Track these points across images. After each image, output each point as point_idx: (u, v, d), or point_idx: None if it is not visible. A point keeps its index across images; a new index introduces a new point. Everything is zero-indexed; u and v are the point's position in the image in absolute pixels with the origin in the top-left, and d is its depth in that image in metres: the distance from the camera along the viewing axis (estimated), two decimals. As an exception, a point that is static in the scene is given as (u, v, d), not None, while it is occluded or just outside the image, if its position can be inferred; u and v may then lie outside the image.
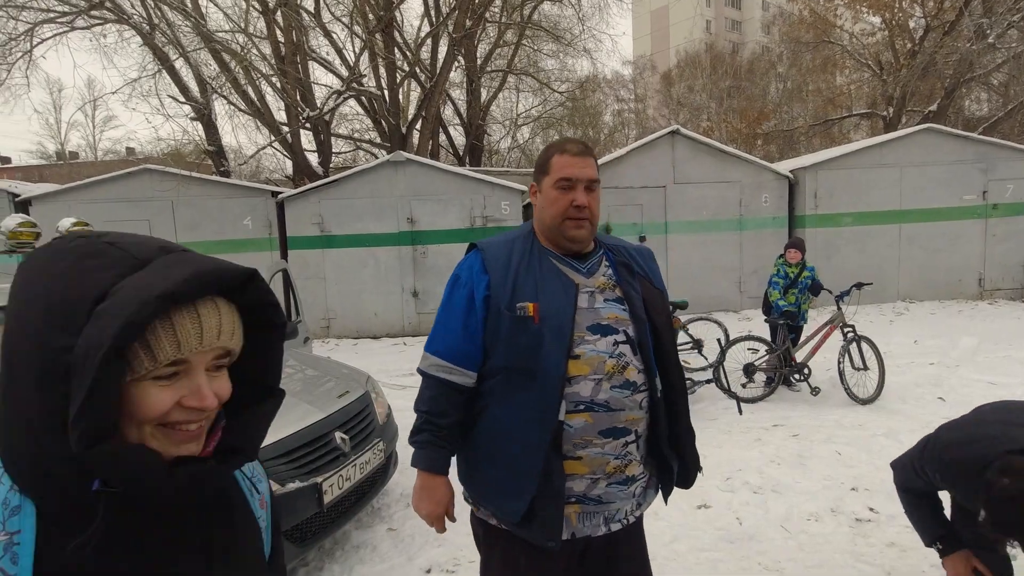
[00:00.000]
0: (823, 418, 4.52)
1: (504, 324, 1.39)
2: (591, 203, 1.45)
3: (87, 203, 8.10)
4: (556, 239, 1.47)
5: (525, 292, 1.40)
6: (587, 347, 1.38)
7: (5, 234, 3.16)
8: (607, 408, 1.38)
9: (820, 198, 8.68)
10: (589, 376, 1.38)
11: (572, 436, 1.38)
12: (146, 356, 0.58)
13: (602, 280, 1.46)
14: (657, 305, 1.48)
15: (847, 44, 16.53)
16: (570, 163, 1.45)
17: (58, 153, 32.85)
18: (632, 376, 1.41)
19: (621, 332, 1.41)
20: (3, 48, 10.16)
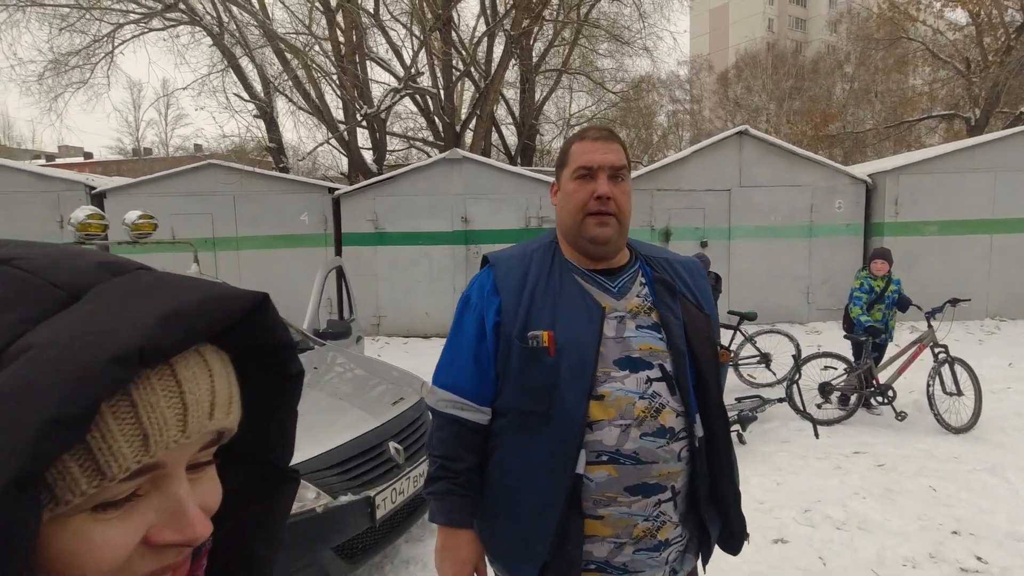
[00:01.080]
0: (912, 447, 4.11)
1: (515, 356, 1.17)
2: (617, 195, 1.20)
3: (156, 196, 8.38)
4: (577, 242, 1.23)
5: (541, 318, 1.17)
6: (613, 385, 1.14)
7: (75, 225, 3.20)
8: (636, 460, 1.14)
9: (901, 205, 8.05)
10: (615, 421, 1.14)
11: (593, 492, 1.15)
12: (84, 472, 0.32)
13: (636, 302, 1.21)
14: (702, 333, 1.22)
15: (926, 41, 15.47)
16: (590, 148, 1.22)
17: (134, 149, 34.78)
18: (668, 421, 1.16)
19: (656, 367, 1.16)
20: (87, 50, 10.68)
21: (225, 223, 8.54)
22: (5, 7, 9.05)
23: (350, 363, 3.41)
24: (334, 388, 2.97)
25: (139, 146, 34.84)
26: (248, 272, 8.48)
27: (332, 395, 2.82)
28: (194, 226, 8.29)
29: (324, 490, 2.18)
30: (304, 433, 2.34)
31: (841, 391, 4.71)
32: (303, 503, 2.11)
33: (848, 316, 4.85)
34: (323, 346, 3.55)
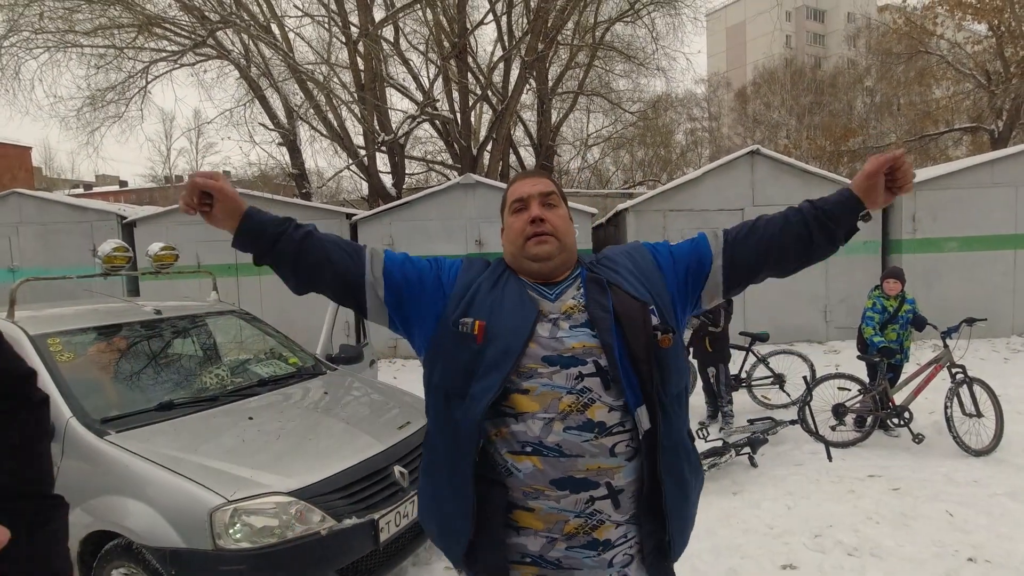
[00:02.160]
0: (929, 471, 4.02)
1: (447, 339, 1.23)
2: (551, 217, 1.27)
3: (183, 225, 8.70)
4: (521, 265, 1.29)
5: (478, 309, 1.23)
6: (540, 380, 1.16)
7: (101, 258, 3.38)
8: (559, 453, 1.14)
9: (920, 221, 7.94)
10: (538, 414, 1.15)
11: (520, 483, 1.17)
12: None
13: (570, 303, 1.24)
14: (635, 322, 1.19)
15: (946, 54, 15.32)
16: (520, 185, 1.32)
17: (166, 177, 36.02)
18: (599, 416, 1.15)
19: (590, 363, 1.17)
20: (122, 85, 11.23)
21: (248, 249, 8.80)
22: (47, 48, 9.60)
23: (362, 388, 3.50)
24: (344, 413, 3.07)
25: (170, 174, 36.07)
26: (269, 298, 8.71)
27: (341, 419, 2.91)
28: (218, 253, 8.57)
29: (329, 513, 2.26)
30: (310, 457, 2.44)
31: (856, 413, 4.64)
32: (308, 526, 2.19)
33: (862, 336, 4.79)
34: (335, 371, 3.66)
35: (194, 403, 2.81)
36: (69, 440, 2.44)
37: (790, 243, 1.28)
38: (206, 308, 3.71)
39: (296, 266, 1.29)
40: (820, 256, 1.31)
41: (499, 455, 1.18)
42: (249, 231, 1.28)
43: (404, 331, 1.35)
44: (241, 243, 1.30)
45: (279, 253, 1.29)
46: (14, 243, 8.91)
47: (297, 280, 1.32)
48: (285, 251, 1.28)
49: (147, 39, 10.44)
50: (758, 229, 1.31)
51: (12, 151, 31.47)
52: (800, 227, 1.27)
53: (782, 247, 1.29)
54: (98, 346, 3.06)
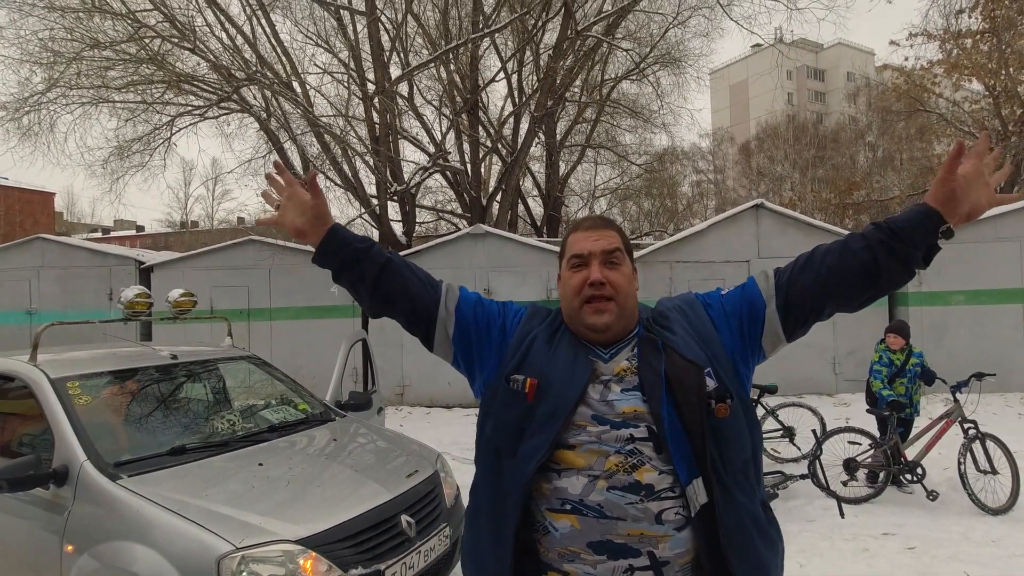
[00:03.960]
0: (945, 529, 3.93)
1: (499, 393, 1.21)
2: (613, 278, 1.21)
3: (199, 270, 8.91)
4: (577, 328, 1.24)
5: (531, 364, 1.20)
6: (587, 437, 1.11)
7: (124, 304, 3.49)
8: (599, 514, 1.07)
9: (926, 274, 7.97)
10: (583, 471, 1.10)
11: (556, 543, 1.11)
12: None
13: (623, 365, 1.18)
14: (687, 386, 1.12)
15: (945, 112, 15.71)
16: (582, 237, 1.26)
17: (182, 222, 36.91)
18: (647, 478, 1.07)
19: (643, 427, 1.11)
20: (148, 137, 11.71)
21: (260, 295, 8.96)
22: (81, 103, 10.09)
23: (369, 435, 3.52)
24: (352, 460, 3.08)
25: (187, 220, 36.98)
26: (279, 343, 8.79)
27: (349, 467, 2.92)
28: (232, 298, 8.73)
29: (335, 563, 2.25)
30: (318, 504, 2.46)
31: (868, 468, 4.57)
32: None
33: (871, 390, 4.77)
34: (344, 417, 3.69)
35: (205, 448, 2.84)
36: (82, 484, 2.47)
37: (852, 273, 1.15)
38: (220, 353, 3.78)
39: (375, 289, 1.30)
40: (893, 283, 1.16)
41: (539, 511, 1.14)
42: (333, 245, 1.30)
43: (466, 371, 1.34)
44: (323, 257, 1.31)
45: (361, 273, 1.29)
46: (34, 286, 9.13)
47: (373, 302, 1.32)
48: (367, 272, 1.29)
49: (175, 94, 10.96)
50: (815, 261, 1.19)
51: (36, 197, 32.55)
52: (863, 253, 1.14)
53: (843, 278, 1.16)
54: (115, 390, 3.13)
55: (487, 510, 1.19)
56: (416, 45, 14.28)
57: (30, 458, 2.51)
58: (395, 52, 12.86)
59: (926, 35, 14.04)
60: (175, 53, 10.21)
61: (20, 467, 2.42)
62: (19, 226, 25.78)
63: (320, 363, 7.74)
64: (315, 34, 13.47)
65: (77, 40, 9.62)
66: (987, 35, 13.09)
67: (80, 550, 2.35)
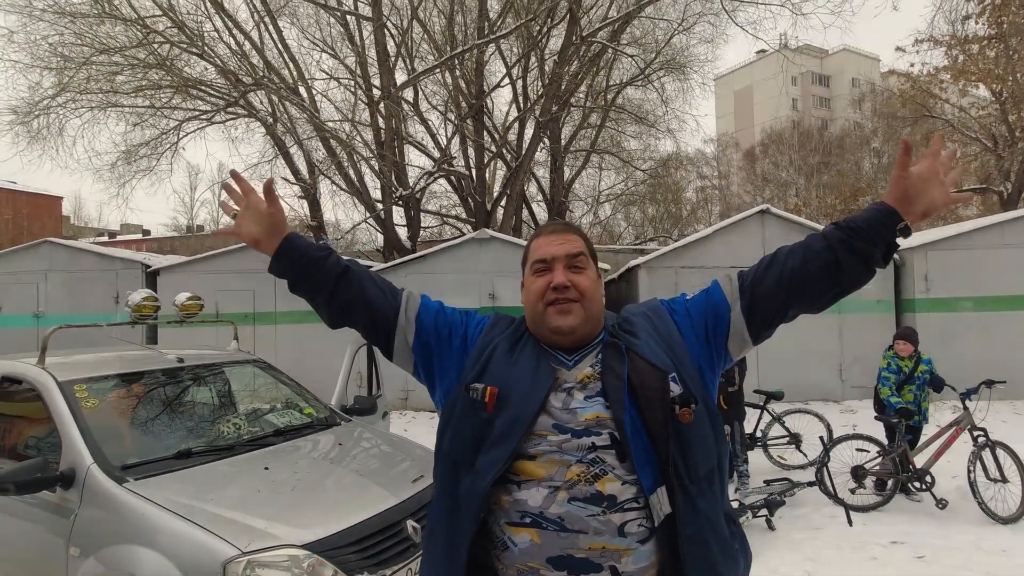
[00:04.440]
0: (955, 538, 3.89)
1: (459, 403, 1.16)
2: (577, 281, 1.18)
3: (204, 274, 8.94)
4: (540, 332, 1.21)
5: (492, 373, 1.16)
6: (548, 447, 1.06)
7: (131, 307, 3.50)
8: (560, 527, 1.03)
9: (932, 281, 7.94)
10: (543, 482, 1.05)
11: (515, 559, 1.05)
12: None
13: (587, 372, 1.14)
14: (651, 392, 1.08)
15: (951, 118, 15.68)
16: (545, 242, 1.24)
17: (188, 226, 37.11)
18: (609, 488, 1.03)
19: (605, 434, 1.06)
20: (155, 141, 11.81)
21: (265, 299, 8.98)
22: (90, 108, 10.19)
23: (375, 439, 3.51)
24: (357, 464, 3.07)
25: (192, 224, 37.18)
26: (284, 346, 8.81)
27: (355, 471, 2.92)
28: (237, 302, 8.75)
29: (341, 568, 2.24)
30: (324, 509, 2.45)
31: (876, 475, 4.53)
32: (320, 580, 2.17)
33: (878, 397, 4.74)
34: (349, 422, 3.68)
35: (211, 452, 2.84)
36: (88, 487, 2.47)
37: (815, 273, 1.14)
38: (226, 357, 3.78)
39: (332, 298, 1.26)
40: (854, 282, 1.15)
41: (497, 526, 1.09)
42: (289, 253, 1.26)
43: (426, 381, 1.31)
44: (279, 266, 1.28)
45: (317, 282, 1.26)
46: (41, 289, 9.18)
47: (331, 311, 1.29)
48: (323, 281, 1.25)
49: (183, 99, 11.04)
50: (777, 263, 1.18)
51: (44, 201, 32.79)
52: (825, 253, 1.14)
53: (806, 279, 1.15)
54: (121, 393, 3.13)
55: (441, 528, 1.15)
56: (422, 51, 14.37)
57: (37, 461, 2.51)
58: (401, 58, 12.95)
59: (932, 41, 14.03)
60: (183, 58, 10.30)
61: (27, 470, 2.42)
62: (27, 230, 25.97)
63: (325, 367, 7.73)
64: (321, 40, 13.58)
65: (87, 45, 9.73)
66: (994, 40, 13.07)
67: (86, 553, 2.35)
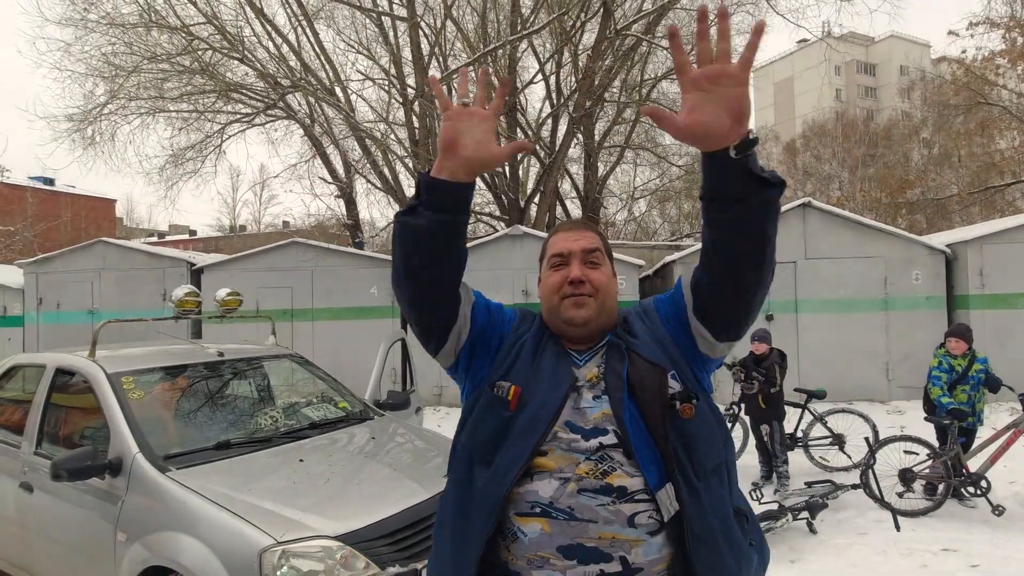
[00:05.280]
0: (1014, 547, 3.68)
1: (482, 399, 1.18)
2: (594, 277, 1.20)
3: (245, 271, 9.21)
4: (556, 325, 1.23)
5: (518, 372, 1.16)
6: (560, 443, 1.09)
7: (175, 302, 3.63)
8: (570, 516, 1.04)
9: (988, 275, 7.53)
10: (555, 473, 1.07)
11: (525, 548, 1.07)
12: None
13: (594, 372, 1.17)
14: (648, 390, 1.11)
15: (1008, 104, 14.84)
16: (562, 238, 1.25)
17: (230, 227, 38.35)
18: (618, 482, 1.05)
19: (611, 432, 1.09)
20: (201, 144, 12.23)
21: (303, 296, 9.20)
22: (139, 114, 10.63)
23: (407, 434, 3.55)
24: (390, 458, 3.11)
25: (235, 224, 38.40)
26: (321, 342, 9.00)
27: (387, 465, 2.95)
28: (276, 299, 8.99)
29: (373, 560, 2.27)
30: (358, 502, 2.49)
31: (926, 479, 4.33)
32: (352, 572, 2.20)
33: (929, 397, 4.52)
34: (382, 416, 3.73)
35: (249, 443, 2.92)
36: (135, 475, 2.57)
37: (725, 251, 1.06)
38: (264, 351, 3.89)
39: (440, 261, 1.12)
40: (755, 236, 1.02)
41: (507, 518, 1.10)
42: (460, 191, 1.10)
43: (460, 377, 1.27)
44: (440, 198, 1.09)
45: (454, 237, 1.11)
46: (96, 287, 9.63)
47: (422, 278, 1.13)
48: (456, 239, 1.12)
49: (225, 103, 11.39)
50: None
51: (100, 203, 34.42)
52: (717, 226, 1.04)
53: (713, 252, 1.07)
54: (166, 385, 3.25)
55: (452, 523, 1.15)
56: (455, 49, 14.44)
57: (87, 449, 2.63)
58: (434, 57, 13.04)
59: (989, 23, 13.30)
60: (225, 63, 10.62)
61: (78, 457, 2.54)
62: (84, 231, 27.28)
63: (360, 362, 7.88)
64: (356, 42, 13.79)
65: (136, 54, 10.14)
66: (1057, 22, 12.30)
67: (132, 539, 2.45)
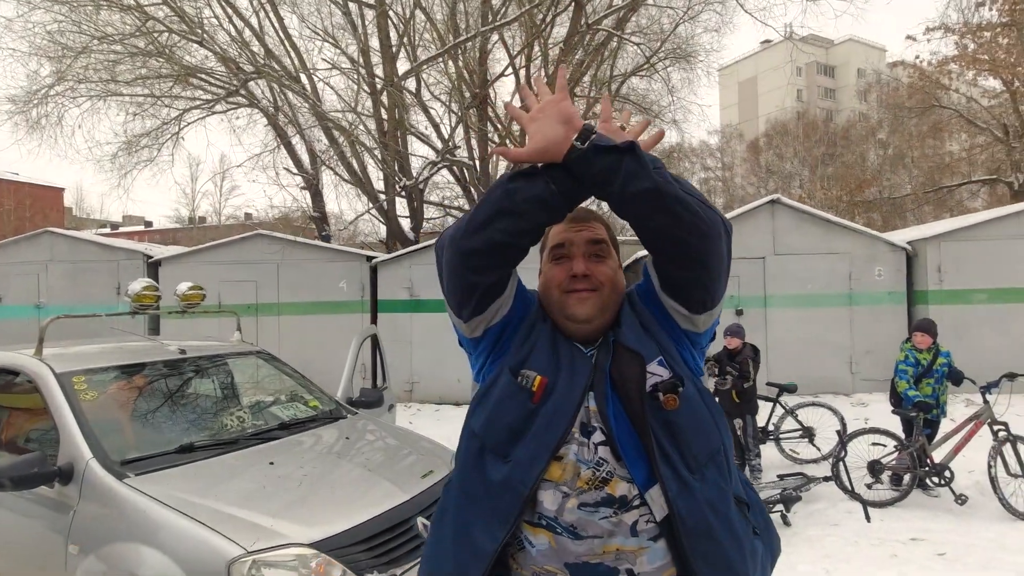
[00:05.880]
0: (976, 535, 3.80)
1: (500, 386, 1.08)
2: (599, 271, 1.11)
3: (207, 264, 8.84)
4: (558, 321, 1.14)
5: (539, 360, 1.07)
6: (572, 448, 1.02)
7: (131, 297, 3.40)
8: (573, 534, 0.98)
9: (946, 272, 7.81)
10: (560, 484, 1.00)
11: (531, 560, 1.01)
12: None
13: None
14: (628, 381, 1.03)
15: (960, 107, 15.46)
16: (563, 228, 1.15)
17: (190, 218, 37.01)
18: (619, 491, 0.99)
19: (599, 430, 1.02)
20: (156, 131, 11.67)
21: (268, 290, 8.89)
22: (89, 97, 10.05)
23: (381, 433, 3.42)
24: (365, 459, 2.98)
25: (194, 215, 37.08)
26: (287, 338, 8.72)
27: (362, 466, 2.83)
28: (240, 293, 8.66)
29: (349, 567, 2.15)
30: (332, 505, 2.36)
31: (893, 470, 4.44)
32: (329, 581, 2.09)
33: (895, 390, 4.63)
34: (355, 415, 3.59)
35: (215, 446, 2.75)
36: (88, 482, 2.38)
37: (636, 226, 1.05)
38: (229, 348, 3.69)
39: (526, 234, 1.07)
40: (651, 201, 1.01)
41: (518, 525, 1.03)
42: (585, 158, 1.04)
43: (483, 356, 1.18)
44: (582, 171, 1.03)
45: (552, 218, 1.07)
46: (42, 280, 9.09)
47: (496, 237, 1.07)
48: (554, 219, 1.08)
49: (183, 88, 10.90)
50: None
51: (46, 192, 32.71)
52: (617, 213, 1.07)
53: (641, 233, 1.05)
54: (121, 385, 3.04)
55: (454, 510, 1.07)
56: (425, 40, 14.17)
57: (35, 455, 2.42)
58: (404, 47, 12.76)
59: (944, 29, 13.80)
60: (183, 46, 10.14)
61: (24, 464, 2.33)
62: (29, 221, 25.89)
63: (329, 359, 7.67)
64: (323, 29, 13.38)
65: (85, 33, 9.57)
66: (1007, 28, 12.84)
67: (86, 551, 2.27)
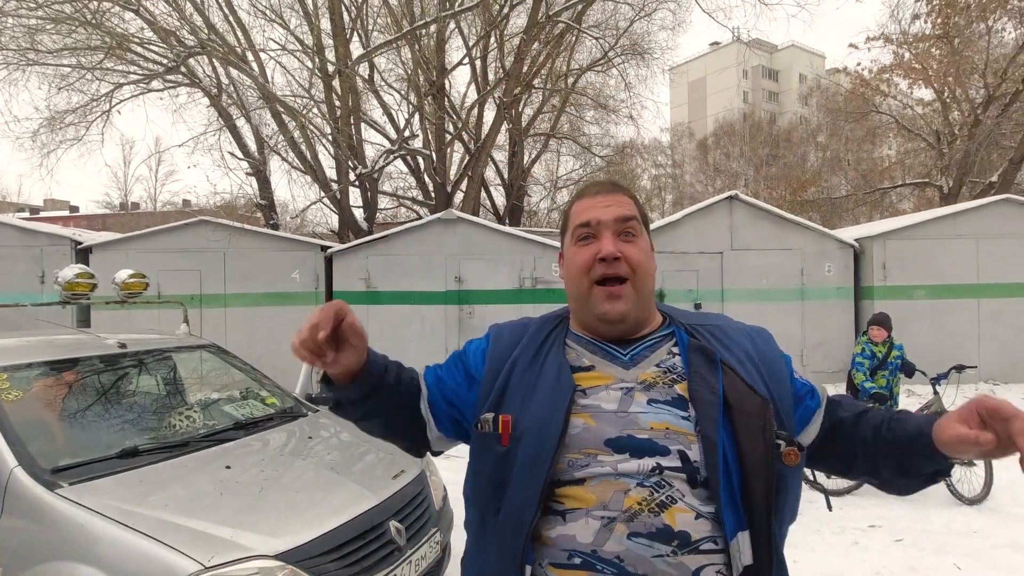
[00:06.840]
0: (929, 520, 3.95)
1: (475, 442, 1.00)
2: (629, 252, 0.98)
3: (144, 252, 8.23)
4: (586, 319, 1.02)
5: (511, 397, 0.96)
6: (599, 469, 0.86)
7: (62, 284, 3.05)
8: (619, 569, 0.82)
9: (890, 269, 8.19)
10: (593, 511, 0.85)
11: None
12: None
13: (652, 372, 0.95)
14: (751, 420, 0.88)
15: (894, 114, 16.31)
16: (589, 204, 1.02)
17: (121, 204, 34.78)
18: (681, 523, 0.83)
19: (674, 452, 0.86)
20: (84, 108, 10.78)
21: (214, 280, 8.38)
22: (6, 66, 9.15)
23: (346, 432, 3.22)
24: (330, 460, 2.78)
25: (127, 201, 34.89)
26: (235, 330, 8.25)
27: (328, 468, 2.63)
28: (182, 283, 8.12)
29: (321, 580, 1.97)
30: (297, 512, 2.16)
31: (850, 460, 4.57)
32: (299, 597, 1.90)
33: (852, 382, 4.78)
34: (316, 412, 3.37)
35: (162, 449, 2.49)
36: (12, 493, 2.09)
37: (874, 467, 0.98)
38: (176, 342, 3.38)
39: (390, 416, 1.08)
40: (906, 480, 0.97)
41: (539, 569, 0.88)
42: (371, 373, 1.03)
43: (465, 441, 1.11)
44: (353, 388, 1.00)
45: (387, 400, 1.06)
46: (-48, 268, 8.24)
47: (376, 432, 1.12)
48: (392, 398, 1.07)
49: (115, 62, 10.10)
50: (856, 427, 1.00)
51: (-45, 172, 29.91)
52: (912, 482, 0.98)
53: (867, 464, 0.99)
54: (50, 383, 2.71)
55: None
56: (379, 25, 13.72)
57: (-54, 465, 2.11)
58: (356, 32, 12.29)
59: (884, 39, 14.49)
60: (117, 13, 9.38)
61: (-67, 476, 2.03)
62: (-65, 203, 23.60)
63: (281, 353, 7.29)
64: (269, 7, 12.72)
65: (1, -4, 8.69)
66: (940, 40, 13.60)
67: (11, 573, 1.99)
